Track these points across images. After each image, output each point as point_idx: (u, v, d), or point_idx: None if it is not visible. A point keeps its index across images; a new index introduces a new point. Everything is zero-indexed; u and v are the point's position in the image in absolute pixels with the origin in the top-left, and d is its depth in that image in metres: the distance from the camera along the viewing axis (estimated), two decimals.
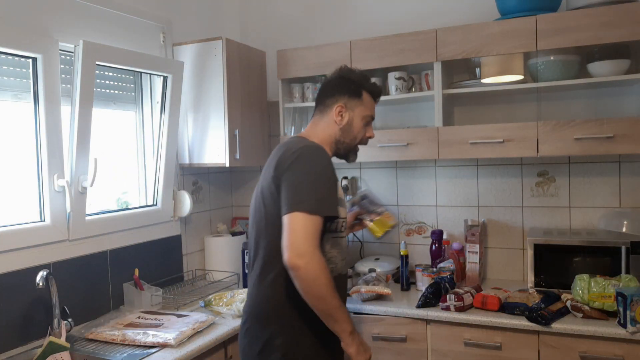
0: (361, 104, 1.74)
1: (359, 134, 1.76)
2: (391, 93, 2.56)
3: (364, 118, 1.75)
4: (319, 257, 1.45)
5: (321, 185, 1.53)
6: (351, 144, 1.76)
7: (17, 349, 1.87)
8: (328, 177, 1.56)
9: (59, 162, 2.03)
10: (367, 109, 1.76)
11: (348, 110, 1.72)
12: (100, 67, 2.20)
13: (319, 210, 1.48)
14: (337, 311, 1.50)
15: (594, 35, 2.10)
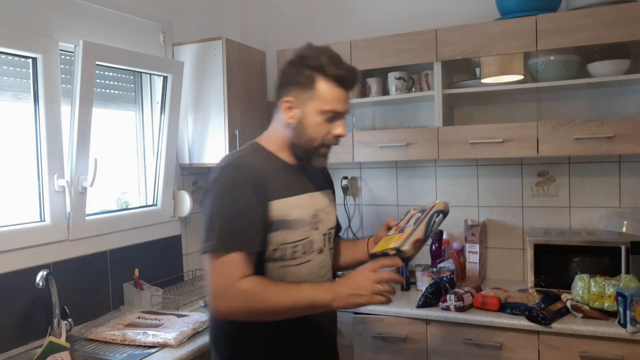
0: (315, 96, 1.37)
1: (317, 133, 1.39)
2: (391, 93, 2.56)
3: (322, 113, 1.38)
4: (239, 289, 1.26)
5: (231, 218, 1.29)
6: (309, 146, 1.41)
7: (17, 349, 1.87)
8: (240, 205, 1.30)
9: (59, 162, 2.03)
10: (326, 103, 1.37)
11: (299, 106, 1.39)
12: (100, 67, 2.20)
13: (230, 248, 1.27)
14: (297, 304, 1.26)
15: (594, 35, 2.10)
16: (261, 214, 1.32)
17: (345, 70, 1.39)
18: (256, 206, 1.31)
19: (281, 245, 1.36)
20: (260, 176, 1.34)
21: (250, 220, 1.30)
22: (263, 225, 1.32)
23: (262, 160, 1.41)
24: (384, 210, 2.85)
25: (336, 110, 1.39)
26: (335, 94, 1.38)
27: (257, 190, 1.32)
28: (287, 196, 1.38)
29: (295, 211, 1.39)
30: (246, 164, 1.36)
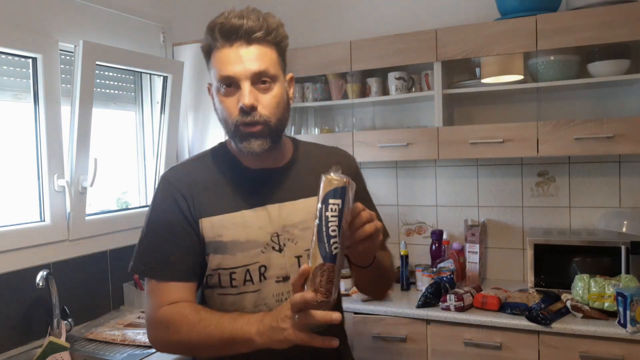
0: (211, 68, 1.13)
1: (224, 111, 1.11)
2: (391, 93, 2.56)
3: (219, 85, 1.11)
4: (157, 318, 1.08)
5: (154, 239, 1.13)
6: (230, 132, 1.13)
7: (17, 349, 1.87)
8: (163, 225, 1.12)
9: (59, 162, 2.03)
10: (217, 70, 1.10)
11: (212, 87, 1.16)
12: (100, 67, 2.20)
13: (151, 274, 1.12)
14: (214, 338, 1.02)
15: (594, 35, 2.10)
16: (191, 234, 1.12)
17: (225, 19, 1.08)
18: (183, 225, 1.11)
19: (216, 271, 1.13)
20: (191, 189, 1.14)
21: (173, 242, 1.11)
22: (194, 248, 1.12)
23: (208, 168, 1.18)
24: (384, 210, 2.82)
25: (225, 74, 1.07)
26: (223, 56, 1.08)
27: (186, 206, 1.12)
28: (220, 213, 1.13)
29: (231, 231, 1.12)
30: (177, 175, 1.17)
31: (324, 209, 0.90)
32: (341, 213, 0.90)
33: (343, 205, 0.91)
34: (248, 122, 1.08)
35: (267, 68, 1.09)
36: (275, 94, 1.12)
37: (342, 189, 0.91)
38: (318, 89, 2.72)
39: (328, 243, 0.89)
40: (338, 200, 0.90)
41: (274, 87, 1.11)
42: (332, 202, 0.90)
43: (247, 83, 1.07)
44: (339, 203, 0.90)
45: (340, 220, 0.90)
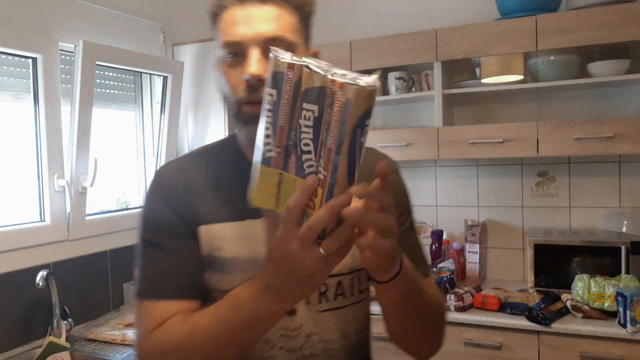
0: (217, 35, 0.89)
1: (225, 85, 0.89)
2: (391, 93, 2.56)
3: (224, 53, 0.87)
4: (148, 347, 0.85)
5: (145, 252, 0.92)
6: (232, 110, 0.89)
7: (17, 349, 1.87)
8: (153, 230, 0.92)
9: (59, 162, 2.03)
10: (222, 34, 0.87)
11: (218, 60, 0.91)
12: (100, 67, 2.20)
13: (142, 294, 0.89)
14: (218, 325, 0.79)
15: (594, 35, 2.10)
16: (190, 242, 0.89)
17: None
18: (181, 231, 0.89)
19: (214, 293, 0.89)
20: (188, 190, 0.91)
21: (169, 251, 0.89)
22: (195, 259, 0.89)
23: (209, 165, 0.95)
24: None
25: (230, 38, 0.85)
26: (230, 16, 0.86)
27: (183, 209, 0.89)
28: (220, 220, 0.89)
29: (232, 245, 0.89)
30: (172, 173, 0.95)
31: (358, 135, 0.62)
32: (318, 122, 0.63)
33: (322, 113, 0.62)
34: (255, 100, 0.82)
35: (283, 33, 0.85)
36: None
37: (320, 89, 0.62)
38: None
39: (300, 161, 0.65)
40: (314, 106, 0.63)
41: None
42: (306, 107, 0.63)
43: (255, 50, 0.83)
44: (314, 110, 0.63)
45: (317, 132, 0.63)
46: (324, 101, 0.62)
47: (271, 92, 0.66)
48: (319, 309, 0.93)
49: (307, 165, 0.65)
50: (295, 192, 0.64)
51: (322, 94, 0.62)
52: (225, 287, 0.86)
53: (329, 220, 0.63)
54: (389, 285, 0.80)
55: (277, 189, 0.68)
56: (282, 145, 0.66)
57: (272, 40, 0.82)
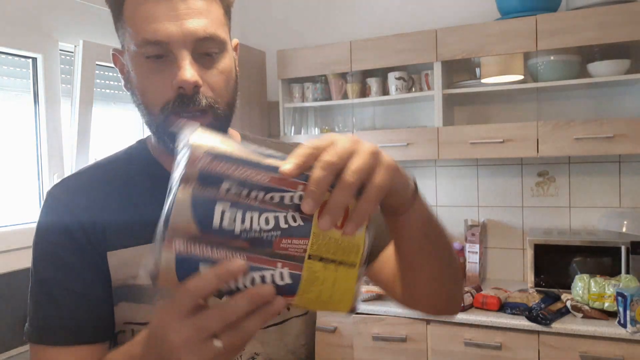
0: (126, 28, 0.76)
1: (146, 93, 0.74)
2: (391, 93, 2.56)
3: (140, 52, 0.72)
4: None
5: (38, 284, 0.76)
6: (152, 120, 0.75)
7: (17, 349, 1.87)
8: (50, 266, 0.75)
9: (59, 162, 2.03)
10: (137, 31, 0.72)
11: (123, 55, 0.80)
12: (100, 67, 2.20)
13: (33, 337, 0.75)
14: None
15: (594, 35, 2.10)
16: (93, 273, 0.75)
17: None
18: (80, 261, 0.75)
19: (128, 326, 0.77)
20: (90, 210, 0.76)
21: (66, 287, 0.74)
22: (99, 293, 0.76)
23: (116, 178, 0.80)
24: None
25: (152, 37, 0.70)
26: (147, 8, 0.72)
27: (83, 235, 0.75)
28: (134, 243, 0.76)
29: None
30: (69, 191, 0.79)
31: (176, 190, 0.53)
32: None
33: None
34: (189, 109, 0.72)
35: (215, 31, 0.73)
36: (223, 67, 0.75)
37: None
38: (318, 89, 2.72)
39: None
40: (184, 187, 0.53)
41: (221, 58, 0.75)
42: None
43: (186, 53, 0.71)
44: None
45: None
46: None
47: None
48: (273, 325, 0.83)
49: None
50: (208, 272, 0.51)
51: None
52: (142, 319, 0.76)
53: (244, 313, 0.51)
54: (411, 212, 0.65)
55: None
56: None
57: (204, 41, 0.72)
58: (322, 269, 0.54)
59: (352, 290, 0.56)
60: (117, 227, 0.75)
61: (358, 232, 0.55)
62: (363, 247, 0.56)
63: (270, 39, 3.06)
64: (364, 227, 0.55)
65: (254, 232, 0.52)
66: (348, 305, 0.57)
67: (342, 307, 0.57)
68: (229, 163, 0.51)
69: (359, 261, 0.56)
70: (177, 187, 0.51)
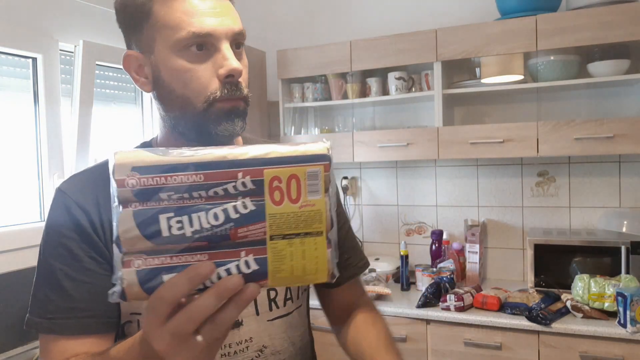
0: (158, 28, 0.78)
1: (192, 82, 0.78)
2: (391, 93, 2.56)
3: (180, 48, 0.77)
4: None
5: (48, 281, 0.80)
6: (193, 113, 0.79)
7: (17, 349, 1.87)
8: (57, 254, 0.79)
9: (59, 162, 2.03)
10: (177, 27, 0.77)
11: (146, 58, 0.81)
12: (100, 67, 2.20)
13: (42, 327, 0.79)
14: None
15: (594, 35, 2.10)
16: (100, 267, 0.79)
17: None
18: (88, 254, 0.79)
19: (134, 316, 0.82)
20: (98, 204, 0.81)
21: (75, 279, 0.78)
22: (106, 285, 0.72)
23: None
24: (384, 211, 2.85)
25: (201, 30, 0.76)
26: (188, 4, 0.77)
27: (91, 228, 0.80)
28: None
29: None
30: (78, 186, 0.83)
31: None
32: None
33: None
34: (236, 95, 0.78)
35: (243, 27, 0.82)
36: (245, 60, 0.83)
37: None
38: (318, 89, 2.72)
39: None
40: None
41: (243, 51, 0.83)
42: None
43: (227, 44, 0.78)
44: None
45: None
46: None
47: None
48: (269, 317, 0.86)
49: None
50: (178, 277, 0.52)
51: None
52: (131, 310, 0.82)
53: (215, 308, 0.53)
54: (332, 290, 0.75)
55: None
56: None
57: (239, 34, 0.80)
58: (287, 246, 0.55)
59: (324, 257, 0.56)
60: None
61: (316, 198, 0.55)
62: (325, 212, 0.56)
63: (270, 39, 3.06)
64: (321, 191, 0.55)
65: (206, 231, 0.53)
66: (325, 273, 0.57)
67: (320, 276, 0.57)
68: (159, 173, 0.53)
69: (324, 227, 0.56)
70: (118, 210, 0.53)
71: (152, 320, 0.54)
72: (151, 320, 0.54)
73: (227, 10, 0.79)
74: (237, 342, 0.83)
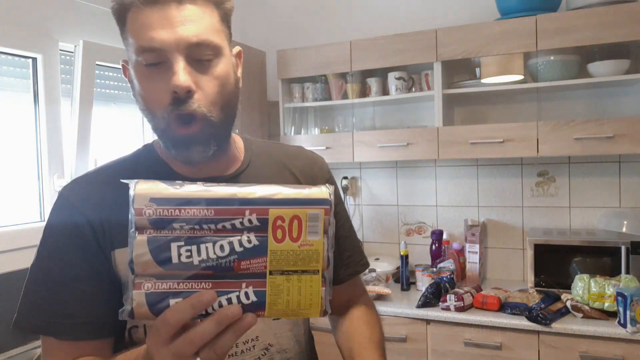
0: (128, 38, 0.80)
1: (146, 99, 0.78)
2: (391, 93, 2.56)
3: (139, 60, 0.77)
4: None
5: (45, 280, 0.79)
6: (157, 126, 0.79)
7: (17, 349, 1.87)
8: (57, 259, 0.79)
9: (59, 162, 2.03)
10: (136, 39, 0.76)
11: (129, 65, 0.82)
12: (100, 67, 2.20)
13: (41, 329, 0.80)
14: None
15: (594, 35, 2.10)
16: (100, 273, 0.79)
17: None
18: (88, 261, 0.79)
19: (142, 321, 0.81)
20: (100, 211, 0.80)
21: (74, 285, 0.78)
22: (105, 291, 0.79)
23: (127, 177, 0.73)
24: (384, 210, 2.85)
25: (147, 44, 0.74)
26: (143, 18, 0.75)
27: (92, 235, 0.79)
28: None
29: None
30: (80, 192, 0.83)
31: None
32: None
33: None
34: (183, 113, 0.74)
35: (207, 37, 0.75)
36: (218, 73, 0.77)
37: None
38: (318, 89, 2.72)
39: None
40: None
41: (217, 63, 0.77)
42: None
43: (180, 58, 0.74)
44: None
45: None
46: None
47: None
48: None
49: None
50: (183, 304, 0.58)
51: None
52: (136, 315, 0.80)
53: (215, 334, 0.58)
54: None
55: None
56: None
57: (197, 46, 0.74)
58: (285, 282, 0.60)
59: (318, 294, 0.62)
60: (124, 226, 0.73)
61: (315, 239, 0.61)
62: (323, 253, 0.61)
63: (270, 39, 3.06)
64: (320, 233, 0.61)
65: (212, 261, 0.59)
66: (317, 309, 0.62)
67: (313, 312, 0.62)
68: (174, 205, 0.59)
69: (320, 267, 0.61)
70: (134, 236, 0.59)
71: (156, 340, 0.59)
72: (156, 340, 0.59)
73: (187, 20, 0.74)
74: (244, 342, 0.84)
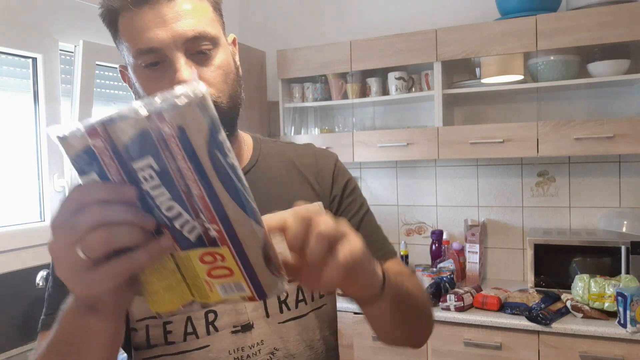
0: (123, 42, 0.78)
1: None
2: (391, 93, 2.56)
3: (138, 61, 0.76)
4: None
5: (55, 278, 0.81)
6: None
7: (17, 349, 1.87)
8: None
9: (59, 162, 2.03)
10: (133, 42, 0.75)
11: (127, 72, 0.82)
12: (100, 67, 2.20)
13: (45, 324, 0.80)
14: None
15: (594, 35, 2.10)
16: None
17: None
18: None
19: (142, 322, 0.80)
20: None
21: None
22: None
23: None
24: (384, 210, 2.85)
25: (144, 46, 0.74)
26: (136, 21, 0.74)
27: None
28: None
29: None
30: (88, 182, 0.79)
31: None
32: (165, 175, 0.47)
33: (162, 162, 0.46)
34: None
35: (204, 28, 0.76)
36: (220, 62, 0.78)
37: (140, 135, 0.45)
38: (318, 89, 2.72)
39: (176, 232, 0.50)
40: (145, 160, 0.46)
41: (216, 53, 0.78)
42: (137, 166, 0.47)
43: (179, 54, 0.74)
44: (149, 163, 0.47)
45: (172, 186, 0.47)
46: (154, 145, 0.45)
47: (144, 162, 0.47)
48: (280, 319, 0.84)
49: (187, 229, 0.50)
50: (101, 183, 0.49)
51: (146, 139, 0.45)
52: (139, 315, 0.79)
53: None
54: (381, 302, 0.68)
55: (180, 275, 0.53)
56: None
57: (195, 39, 0.74)
58: (176, 271, 0.53)
59: (177, 304, 0.55)
60: None
61: (221, 294, 0.54)
62: (212, 301, 0.54)
63: (270, 39, 3.06)
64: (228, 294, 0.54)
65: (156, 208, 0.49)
66: (174, 306, 0.55)
67: (170, 305, 0.56)
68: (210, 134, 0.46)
69: (199, 299, 0.54)
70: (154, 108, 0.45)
71: (58, 214, 0.54)
72: (57, 215, 0.54)
73: (180, 15, 0.73)
74: (250, 346, 0.82)
